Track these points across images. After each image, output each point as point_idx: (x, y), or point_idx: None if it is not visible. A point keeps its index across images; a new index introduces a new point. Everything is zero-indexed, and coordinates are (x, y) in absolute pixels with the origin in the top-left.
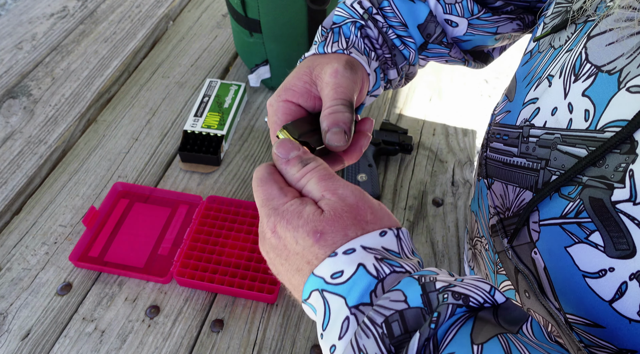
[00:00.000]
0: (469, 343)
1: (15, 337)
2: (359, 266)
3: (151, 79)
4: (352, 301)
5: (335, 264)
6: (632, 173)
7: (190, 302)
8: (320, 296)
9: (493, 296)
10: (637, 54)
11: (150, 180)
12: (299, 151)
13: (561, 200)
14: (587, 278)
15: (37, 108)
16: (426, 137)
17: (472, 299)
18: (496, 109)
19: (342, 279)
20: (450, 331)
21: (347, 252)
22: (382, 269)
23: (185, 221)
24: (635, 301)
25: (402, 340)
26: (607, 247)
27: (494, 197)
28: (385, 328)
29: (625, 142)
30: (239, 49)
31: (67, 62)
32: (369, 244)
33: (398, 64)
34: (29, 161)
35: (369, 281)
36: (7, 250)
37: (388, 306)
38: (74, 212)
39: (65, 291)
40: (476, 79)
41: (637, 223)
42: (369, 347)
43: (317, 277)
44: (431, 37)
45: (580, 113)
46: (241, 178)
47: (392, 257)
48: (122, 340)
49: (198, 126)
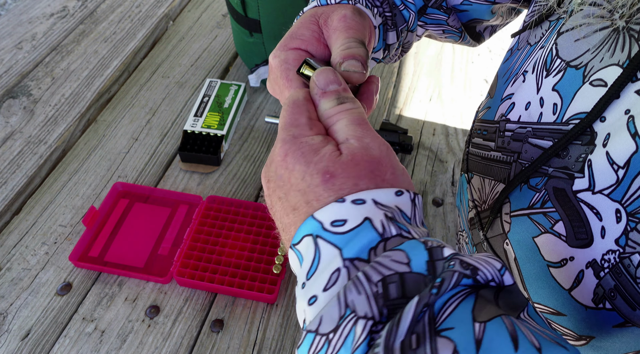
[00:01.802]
0: (470, 319)
1: (15, 337)
2: (365, 219)
3: (151, 79)
4: (349, 253)
5: (339, 211)
6: (590, 163)
7: (190, 302)
8: (313, 242)
9: (502, 276)
10: (601, 49)
11: (150, 180)
12: (339, 85)
13: (529, 191)
14: (551, 268)
15: (37, 108)
16: (426, 137)
17: (481, 273)
18: (480, 106)
19: (343, 229)
20: (449, 304)
21: (356, 202)
22: (389, 228)
23: (185, 221)
24: (590, 289)
25: (397, 304)
26: (569, 236)
27: (472, 191)
28: (382, 287)
29: (585, 134)
30: (239, 49)
31: (67, 62)
32: (381, 200)
33: (398, 26)
34: (29, 161)
35: (372, 237)
36: (7, 250)
37: (388, 265)
38: (74, 212)
39: (65, 291)
40: (476, 79)
41: (595, 212)
42: (358, 304)
43: (316, 221)
44: (430, 0)
45: (550, 107)
46: (241, 178)
47: (403, 220)
48: (122, 340)
49: (198, 126)
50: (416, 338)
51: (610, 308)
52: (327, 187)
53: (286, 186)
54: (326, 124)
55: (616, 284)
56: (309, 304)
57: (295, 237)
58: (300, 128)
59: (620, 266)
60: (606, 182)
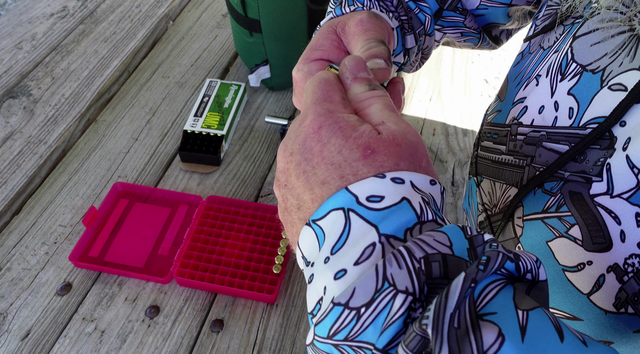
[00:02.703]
0: (512, 306)
1: (15, 337)
2: (403, 199)
3: (151, 79)
4: (386, 230)
5: (378, 187)
6: (609, 166)
7: (190, 302)
8: (344, 215)
9: (538, 268)
10: (619, 53)
11: (150, 180)
12: (369, 74)
13: (544, 195)
14: (567, 272)
15: (37, 108)
16: (426, 137)
17: (522, 261)
18: (488, 109)
19: (380, 206)
20: (488, 290)
21: (395, 180)
22: (426, 211)
23: (185, 221)
24: (612, 293)
25: (438, 284)
26: (585, 241)
27: (482, 195)
28: (424, 264)
29: (604, 138)
30: (239, 49)
31: (67, 62)
32: (418, 184)
33: (415, 29)
34: (29, 161)
35: (410, 217)
36: (7, 250)
37: (431, 243)
38: (73, 212)
39: (65, 291)
40: (476, 79)
41: (613, 216)
42: (398, 278)
43: (350, 193)
44: (445, 3)
45: (565, 111)
46: (241, 178)
47: (436, 210)
48: (122, 340)
49: (198, 125)
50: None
51: (632, 313)
52: (367, 162)
53: (316, 158)
54: (357, 108)
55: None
56: (336, 278)
57: (319, 212)
58: (334, 104)
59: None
60: (626, 186)
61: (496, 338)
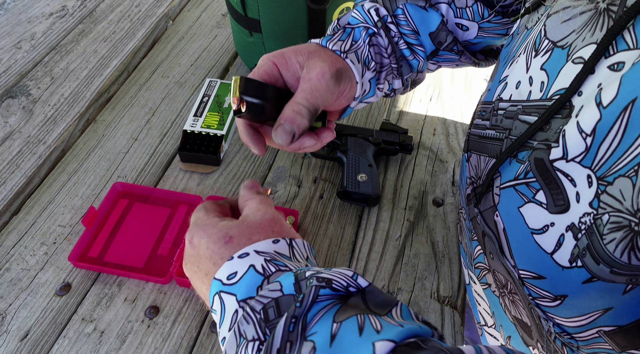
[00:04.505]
0: (330, 322)
1: (14, 338)
2: (249, 266)
3: (151, 78)
4: (241, 296)
5: (231, 267)
6: (564, 133)
7: (189, 302)
8: (219, 297)
9: (356, 280)
10: (584, 30)
11: (149, 180)
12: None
13: (517, 164)
14: (534, 235)
15: (36, 108)
16: (426, 137)
17: (335, 282)
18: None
19: (236, 279)
20: (319, 314)
21: (241, 256)
22: (268, 268)
23: (185, 221)
24: (568, 250)
25: (276, 323)
26: (549, 204)
27: (470, 169)
28: (263, 313)
29: (565, 108)
30: (239, 48)
31: (66, 61)
32: (261, 249)
33: (404, 75)
34: (28, 161)
35: (256, 278)
36: (6, 250)
37: (267, 295)
38: (73, 213)
39: (64, 292)
40: (476, 79)
41: (570, 179)
42: (248, 331)
43: (217, 280)
44: (442, 45)
45: (538, 85)
46: (241, 178)
47: (282, 259)
48: (121, 340)
49: (198, 125)
50: (290, 345)
51: (580, 265)
52: (228, 246)
53: (197, 259)
54: (241, 206)
55: (588, 243)
56: (222, 345)
57: (210, 301)
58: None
59: (594, 227)
60: (577, 150)
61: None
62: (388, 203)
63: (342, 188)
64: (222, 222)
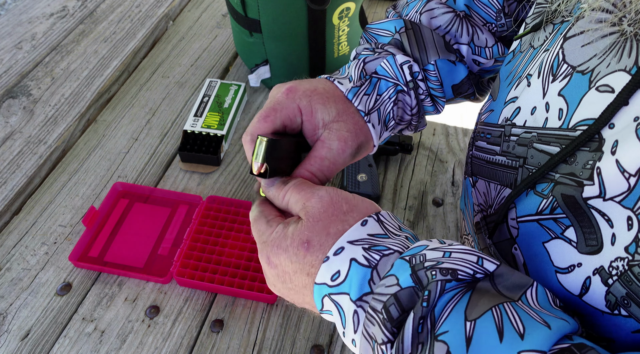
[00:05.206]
0: (462, 320)
1: (14, 337)
2: (351, 261)
3: (151, 79)
4: (355, 295)
5: (330, 267)
6: (599, 171)
7: (190, 302)
8: (330, 299)
9: (482, 266)
10: (607, 54)
11: (150, 180)
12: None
13: (536, 197)
14: (558, 274)
15: (36, 108)
16: (426, 137)
17: (461, 273)
18: (482, 108)
19: (341, 279)
20: (447, 308)
21: (337, 253)
22: (371, 257)
23: (185, 221)
24: (600, 296)
25: (401, 320)
26: (579, 243)
27: (477, 195)
28: (385, 313)
29: (593, 140)
30: (239, 49)
31: (67, 62)
32: (354, 238)
33: (418, 128)
34: (29, 161)
35: (363, 272)
36: (7, 250)
37: (384, 292)
38: (73, 212)
39: (65, 291)
40: None
41: (606, 219)
42: (376, 334)
43: (320, 285)
44: (461, 95)
45: (555, 112)
46: (241, 178)
47: (379, 241)
48: (121, 340)
49: (198, 125)
50: (421, 347)
51: (626, 315)
52: (311, 252)
53: (286, 277)
54: (283, 206)
55: (628, 292)
56: (354, 346)
57: (317, 305)
58: (265, 234)
59: (630, 274)
60: (617, 190)
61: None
62: (388, 203)
63: (342, 188)
64: (289, 228)
